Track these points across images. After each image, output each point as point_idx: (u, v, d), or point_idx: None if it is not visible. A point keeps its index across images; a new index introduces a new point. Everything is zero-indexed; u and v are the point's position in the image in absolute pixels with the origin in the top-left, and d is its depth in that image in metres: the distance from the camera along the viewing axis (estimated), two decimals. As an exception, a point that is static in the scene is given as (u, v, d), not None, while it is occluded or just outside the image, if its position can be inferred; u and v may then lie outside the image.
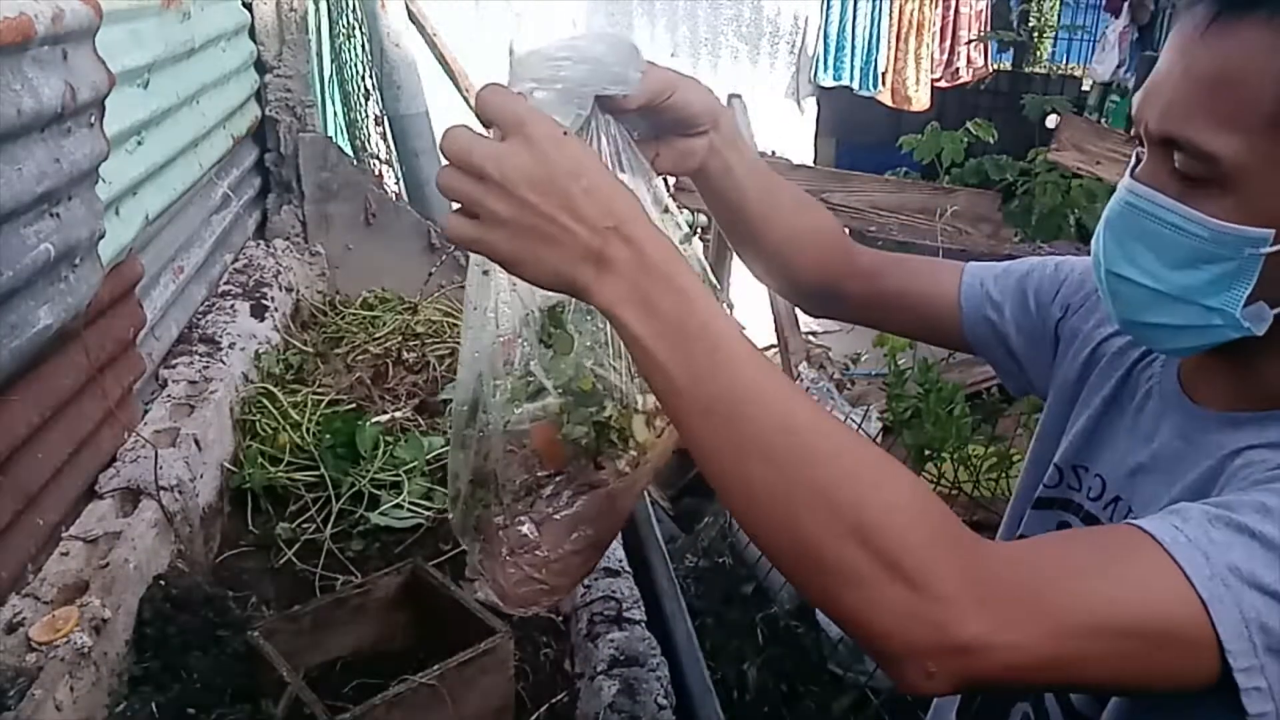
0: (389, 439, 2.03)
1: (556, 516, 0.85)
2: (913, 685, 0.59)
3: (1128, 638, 0.61)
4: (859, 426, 2.72)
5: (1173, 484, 0.80)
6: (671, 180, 1.10)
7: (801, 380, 3.16)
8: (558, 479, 0.86)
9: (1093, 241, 0.81)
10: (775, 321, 3.49)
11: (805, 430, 0.62)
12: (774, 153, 4.12)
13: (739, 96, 4.13)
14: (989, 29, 7.41)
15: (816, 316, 1.16)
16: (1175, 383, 0.85)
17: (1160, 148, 0.73)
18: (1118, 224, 0.77)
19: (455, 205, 0.67)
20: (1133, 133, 0.77)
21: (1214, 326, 0.73)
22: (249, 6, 2.65)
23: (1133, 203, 0.75)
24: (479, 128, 0.69)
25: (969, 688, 0.61)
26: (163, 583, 1.41)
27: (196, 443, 1.70)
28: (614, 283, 0.65)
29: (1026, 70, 8.46)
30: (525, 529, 0.86)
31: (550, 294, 0.74)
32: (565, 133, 0.67)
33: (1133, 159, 0.78)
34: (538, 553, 0.86)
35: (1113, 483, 0.88)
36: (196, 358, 1.98)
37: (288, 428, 1.99)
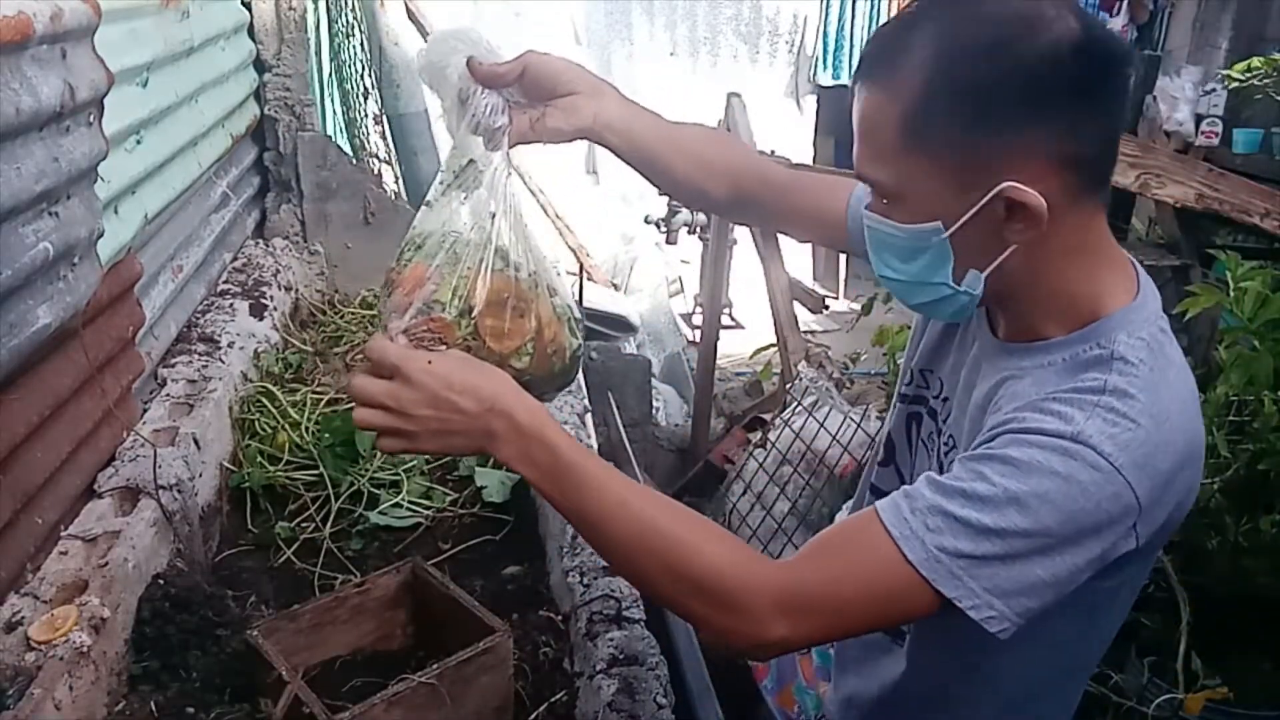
0: (388, 438, 2.03)
1: None
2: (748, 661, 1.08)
3: (875, 615, 0.90)
4: (858, 426, 2.73)
5: (969, 395, 1.05)
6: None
7: (800, 379, 3.16)
8: None
9: None
10: (775, 320, 3.48)
11: (647, 526, 0.91)
12: (773, 152, 4.09)
13: (738, 95, 4.12)
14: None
15: (736, 222, 1.42)
16: (982, 315, 1.07)
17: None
18: (870, 241, 1.01)
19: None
20: None
21: (950, 295, 0.97)
22: (248, 5, 2.65)
23: (868, 224, 1.00)
24: None
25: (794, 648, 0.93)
26: (162, 582, 1.41)
27: (195, 442, 1.70)
28: (503, 447, 0.93)
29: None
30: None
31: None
32: (429, 361, 0.93)
33: None
34: None
35: (948, 385, 1.12)
36: (195, 357, 1.98)
37: (287, 427, 1.99)
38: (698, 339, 4.29)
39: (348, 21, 3.57)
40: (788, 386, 3.23)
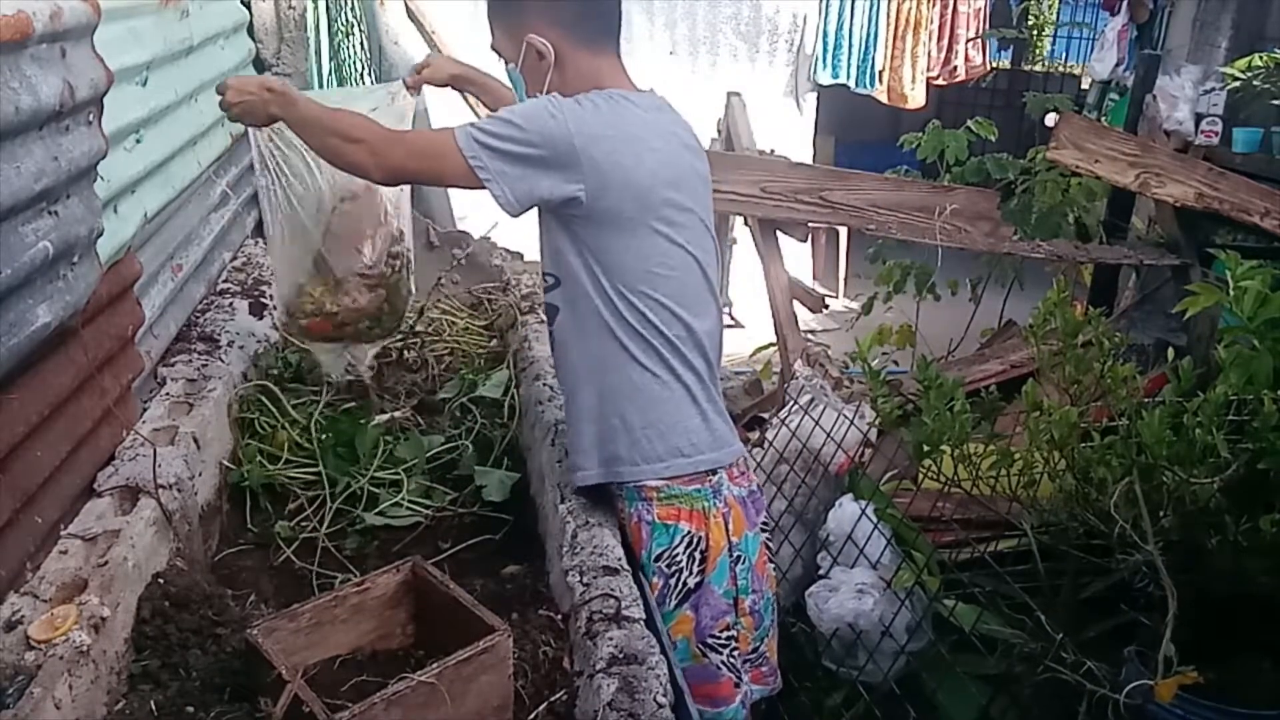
0: (388, 438, 2.03)
1: None
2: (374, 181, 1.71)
3: (428, 160, 1.56)
4: (851, 422, 2.73)
5: None
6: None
7: (796, 378, 3.16)
8: None
9: None
10: (774, 320, 3.48)
11: (329, 122, 1.59)
12: (773, 151, 4.09)
13: (738, 95, 4.11)
14: (988, 27, 7.39)
15: None
16: None
17: None
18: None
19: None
20: None
21: None
22: (248, 4, 2.65)
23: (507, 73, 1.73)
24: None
25: (394, 177, 1.65)
26: (161, 581, 1.42)
27: (195, 441, 1.70)
28: (274, 109, 1.65)
29: (1025, 68, 8.45)
30: None
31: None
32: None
33: None
34: None
35: None
36: (195, 356, 1.98)
37: (286, 426, 1.99)
38: (697, 338, 4.27)
39: (348, 21, 3.57)
40: (785, 386, 3.23)
